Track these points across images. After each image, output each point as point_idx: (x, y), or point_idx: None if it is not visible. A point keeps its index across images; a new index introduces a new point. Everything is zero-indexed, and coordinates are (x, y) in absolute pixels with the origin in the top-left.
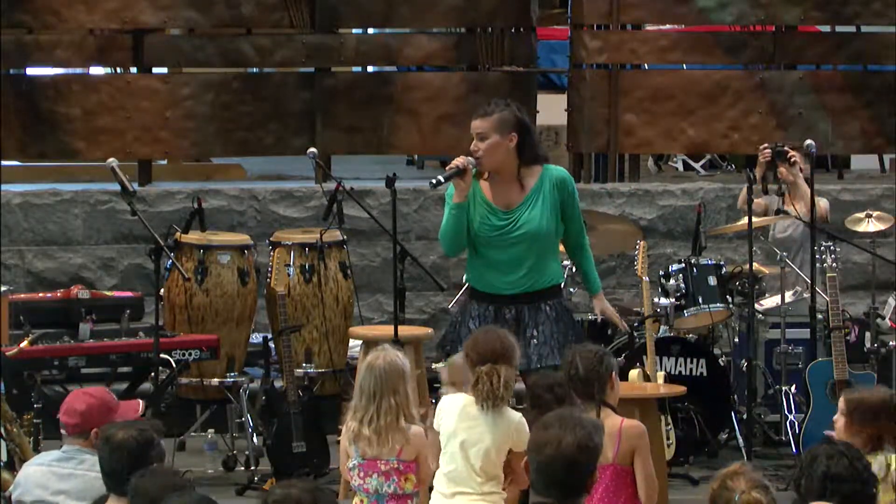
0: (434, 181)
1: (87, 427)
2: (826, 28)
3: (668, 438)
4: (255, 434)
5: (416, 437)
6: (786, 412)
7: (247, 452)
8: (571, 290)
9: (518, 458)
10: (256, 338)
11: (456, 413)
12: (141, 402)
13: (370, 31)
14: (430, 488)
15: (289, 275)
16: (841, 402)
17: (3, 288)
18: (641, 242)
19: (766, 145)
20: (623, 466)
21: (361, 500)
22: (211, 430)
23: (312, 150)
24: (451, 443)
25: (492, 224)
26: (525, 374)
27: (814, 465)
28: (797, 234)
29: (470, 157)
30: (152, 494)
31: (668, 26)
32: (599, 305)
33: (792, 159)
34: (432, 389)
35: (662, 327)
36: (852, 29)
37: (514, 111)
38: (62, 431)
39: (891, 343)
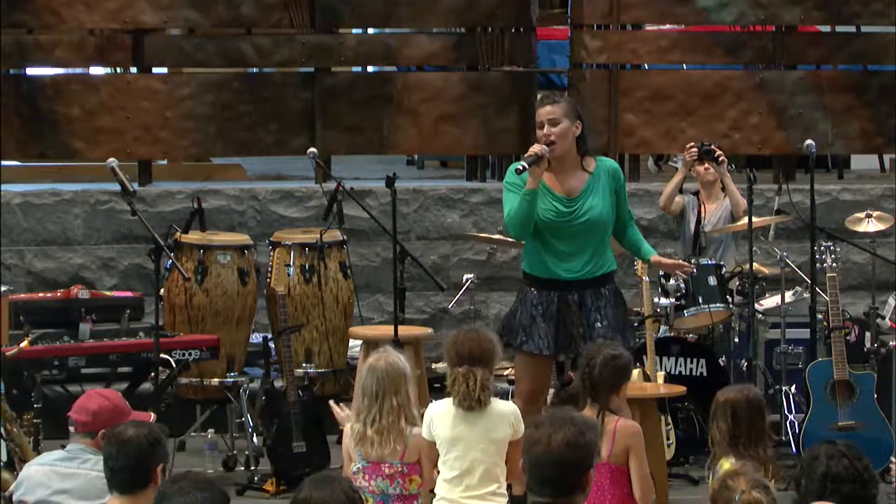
0: (520, 167)
1: (96, 427)
2: (826, 28)
3: (668, 438)
4: (255, 434)
5: (418, 438)
6: (786, 412)
7: (247, 452)
8: None
9: (514, 447)
10: (256, 338)
11: (449, 418)
12: (153, 415)
13: (370, 31)
14: (431, 490)
15: (289, 275)
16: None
17: (3, 288)
18: None
19: (692, 144)
20: (617, 465)
21: (366, 502)
22: (211, 430)
23: (312, 150)
24: (452, 448)
25: (557, 210)
26: None
27: (814, 464)
28: (717, 233)
29: (543, 146)
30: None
31: (668, 26)
32: (657, 258)
33: (720, 158)
34: (432, 389)
35: (662, 327)
36: (852, 29)
37: (574, 103)
38: (70, 429)
39: (891, 343)
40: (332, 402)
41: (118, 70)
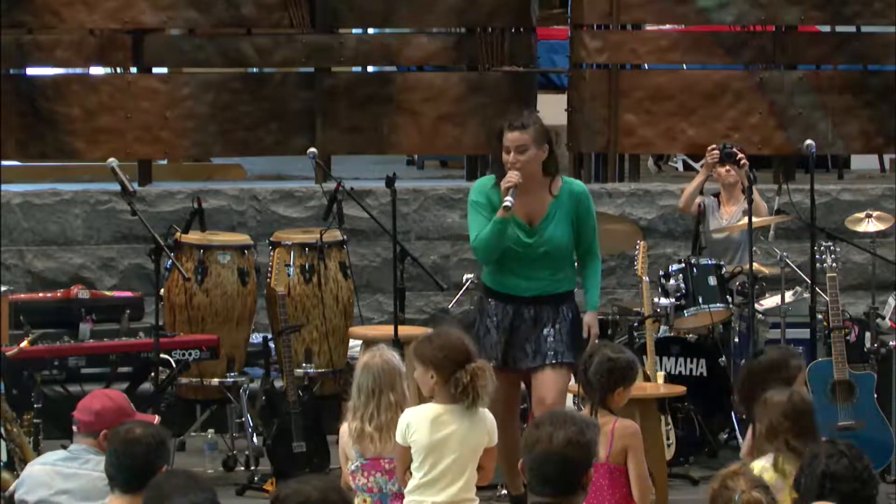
0: (508, 204)
1: (98, 427)
2: (826, 28)
3: (668, 438)
4: (255, 434)
5: None
6: None
7: (247, 452)
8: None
9: (489, 454)
10: (256, 338)
11: (427, 423)
12: (158, 417)
13: (370, 31)
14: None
15: (289, 275)
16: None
17: (3, 288)
18: (641, 242)
19: (714, 146)
20: (616, 465)
21: (364, 501)
22: (211, 430)
23: (312, 150)
24: (430, 455)
25: (518, 240)
26: (536, 370)
27: (814, 464)
28: (736, 235)
29: (516, 173)
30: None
31: (668, 26)
32: (589, 320)
33: (741, 161)
34: None
35: (662, 327)
36: (852, 29)
37: (543, 123)
38: (74, 428)
39: (891, 343)
40: None
41: (118, 70)
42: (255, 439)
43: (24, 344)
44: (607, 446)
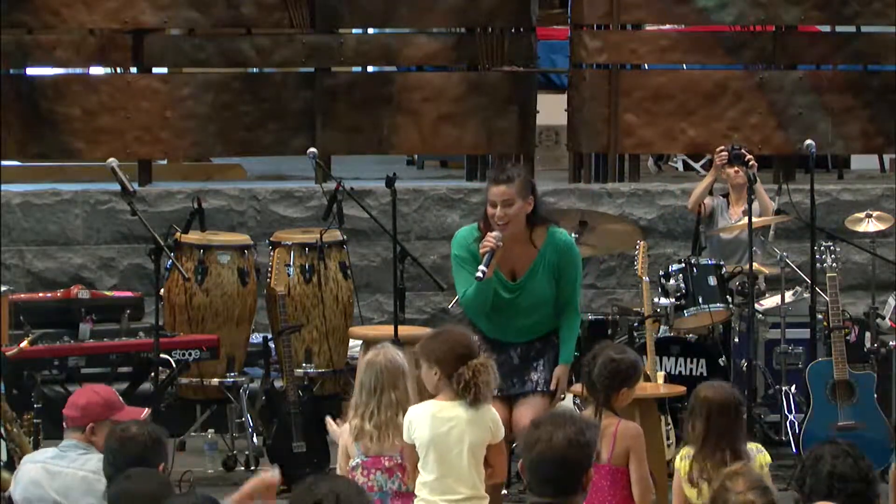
0: (480, 274)
1: (85, 422)
2: (826, 28)
3: (668, 438)
4: (255, 434)
5: None
6: (786, 412)
7: (247, 452)
8: None
9: (495, 450)
10: (256, 338)
11: (429, 419)
12: (147, 410)
13: (370, 31)
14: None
15: (289, 275)
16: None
17: (3, 288)
18: (641, 242)
19: (722, 147)
20: (618, 467)
21: None
22: (211, 430)
23: (312, 150)
24: (431, 451)
25: (500, 297)
26: (520, 397)
27: (818, 464)
28: (744, 236)
29: (496, 233)
30: (138, 497)
31: (668, 26)
32: (559, 373)
33: (750, 162)
34: None
35: (662, 327)
36: (852, 29)
37: (527, 174)
38: (63, 424)
39: (891, 343)
40: (328, 419)
41: (118, 70)
42: (255, 439)
43: (24, 344)
44: (610, 448)
